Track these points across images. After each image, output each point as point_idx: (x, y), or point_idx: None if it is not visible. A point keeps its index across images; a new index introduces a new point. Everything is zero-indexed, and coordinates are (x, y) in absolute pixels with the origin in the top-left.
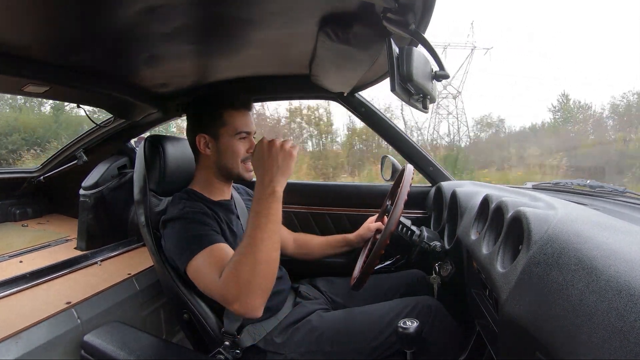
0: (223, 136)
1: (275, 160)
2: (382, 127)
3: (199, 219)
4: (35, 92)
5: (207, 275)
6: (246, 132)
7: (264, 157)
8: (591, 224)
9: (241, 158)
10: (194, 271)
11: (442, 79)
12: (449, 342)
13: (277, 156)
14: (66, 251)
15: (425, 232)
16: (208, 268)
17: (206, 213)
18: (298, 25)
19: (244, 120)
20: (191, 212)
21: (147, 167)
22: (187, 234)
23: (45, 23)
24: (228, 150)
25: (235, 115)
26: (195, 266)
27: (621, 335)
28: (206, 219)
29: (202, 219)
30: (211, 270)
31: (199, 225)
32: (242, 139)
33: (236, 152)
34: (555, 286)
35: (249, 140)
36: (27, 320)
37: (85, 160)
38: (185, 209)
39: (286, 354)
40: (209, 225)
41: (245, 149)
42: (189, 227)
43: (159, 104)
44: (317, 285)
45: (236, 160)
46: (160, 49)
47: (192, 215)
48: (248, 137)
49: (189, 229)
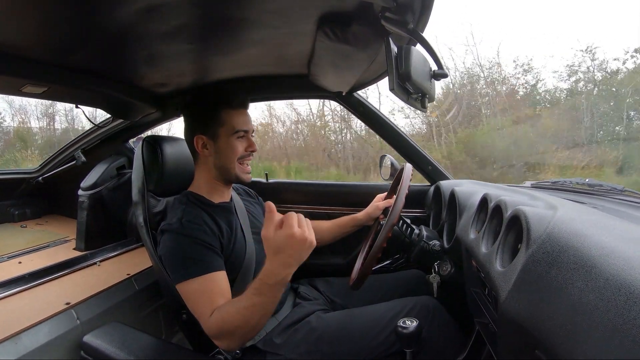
0: (221, 136)
1: (302, 256)
2: (380, 126)
3: (198, 237)
4: (34, 92)
5: (198, 305)
6: (244, 130)
7: (289, 251)
8: (590, 223)
9: (238, 156)
10: (185, 292)
11: (441, 78)
12: (449, 341)
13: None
14: (65, 252)
15: (424, 231)
16: (200, 299)
17: (206, 223)
18: (297, 24)
19: (242, 118)
20: (190, 226)
21: (145, 167)
22: (185, 255)
23: (43, 23)
24: (227, 149)
25: (232, 114)
26: (187, 289)
27: (620, 333)
28: (205, 237)
29: (201, 237)
30: (202, 303)
31: (198, 247)
32: (240, 138)
33: (234, 151)
34: (555, 285)
35: (247, 139)
36: (26, 321)
37: (83, 161)
38: (184, 221)
39: (285, 355)
40: (207, 247)
41: (243, 147)
42: (187, 248)
43: (157, 104)
44: (316, 285)
45: (233, 159)
46: (159, 48)
47: (190, 232)
48: (246, 135)
49: (187, 249)
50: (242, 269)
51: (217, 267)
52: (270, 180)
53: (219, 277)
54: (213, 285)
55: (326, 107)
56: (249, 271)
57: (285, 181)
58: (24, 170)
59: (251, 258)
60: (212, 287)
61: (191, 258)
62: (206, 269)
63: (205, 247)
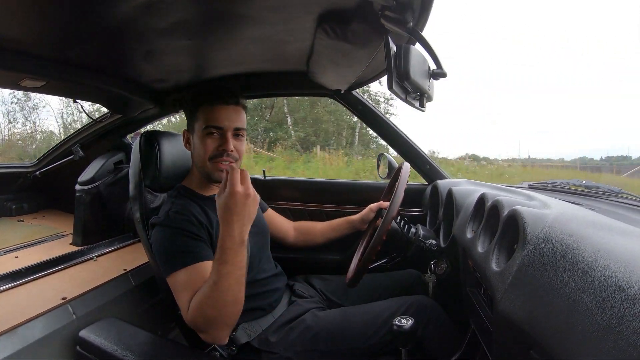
0: (196, 132)
1: (246, 211)
2: (379, 125)
3: (184, 228)
4: (32, 86)
5: (180, 297)
6: (215, 127)
7: (233, 209)
8: (586, 224)
9: (209, 155)
10: (173, 284)
11: (440, 78)
12: (444, 340)
13: (247, 206)
14: (62, 246)
15: (421, 230)
16: (183, 290)
17: (193, 214)
18: (296, 21)
19: (217, 115)
20: (176, 217)
21: (143, 163)
22: (172, 247)
23: (42, 17)
24: (198, 146)
25: (208, 110)
26: (175, 281)
27: (615, 334)
28: (191, 227)
29: (187, 228)
30: (186, 294)
31: (183, 238)
32: (211, 135)
33: (203, 149)
34: (550, 285)
35: (223, 137)
36: (22, 315)
37: (81, 156)
38: (170, 213)
39: (281, 353)
40: (193, 237)
41: (215, 146)
42: (174, 239)
43: (156, 99)
44: (312, 282)
45: (203, 157)
46: (158, 44)
47: (176, 223)
48: (220, 133)
49: (174, 241)
50: None
51: (203, 257)
52: (267, 177)
53: (204, 267)
54: (197, 276)
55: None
56: None
57: (283, 178)
58: (21, 164)
59: None
60: (196, 278)
61: (177, 250)
62: (191, 260)
63: (190, 238)
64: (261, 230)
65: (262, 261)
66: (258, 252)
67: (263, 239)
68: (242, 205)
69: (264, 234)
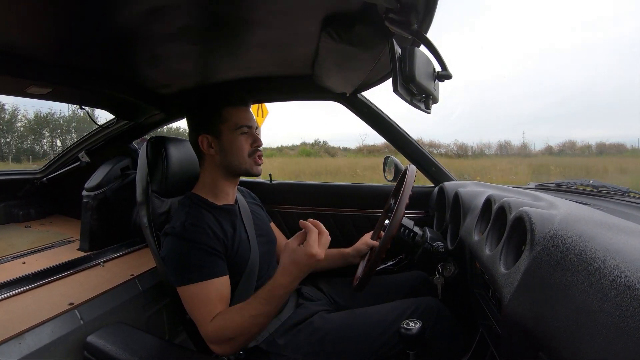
0: (224, 133)
1: (308, 270)
2: (384, 128)
3: (200, 241)
4: (39, 93)
5: (197, 310)
6: (247, 126)
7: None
8: (594, 224)
9: (247, 153)
10: (185, 296)
11: (445, 79)
12: (452, 342)
13: (311, 267)
14: (69, 252)
15: (428, 232)
16: (199, 304)
17: (209, 227)
18: (300, 25)
19: (243, 114)
20: (192, 230)
21: (150, 168)
22: (186, 260)
23: (48, 24)
24: (232, 146)
25: (233, 111)
26: (187, 294)
27: (625, 335)
28: (208, 240)
29: (204, 241)
30: (202, 308)
31: (200, 252)
32: (244, 134)
33: (240, 148)
34: (559, 286)
35: (251, 134)
36: (30, 321)
37: (88, 162)
38: (187, 224)
39: (288, 355)
40: (210, 251)
41: (249, 143)
42: (189, 252)
43: (162, 105)
44: (319, 286)
45: (242, 155)
46: (164, 49)
47: (193, 236)
48: (250, 131)
49: (188, 254)
50: (246, 270)
51: (219, 273)
52: (274, 181)
53: (220, 282)
54: (213, 292)
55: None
56: (252, 273)
57: (289, 182)
58: (28, 170)
59: (255, 260)
60: (212, 294)
61: (192, 263)
62: (207, 275)
63: (207, 252)
64: (270, 240)
65: (270, 268)
66: (267, 259)
67: (272, 247)
68: (309, 267)
69: (272, 242)
